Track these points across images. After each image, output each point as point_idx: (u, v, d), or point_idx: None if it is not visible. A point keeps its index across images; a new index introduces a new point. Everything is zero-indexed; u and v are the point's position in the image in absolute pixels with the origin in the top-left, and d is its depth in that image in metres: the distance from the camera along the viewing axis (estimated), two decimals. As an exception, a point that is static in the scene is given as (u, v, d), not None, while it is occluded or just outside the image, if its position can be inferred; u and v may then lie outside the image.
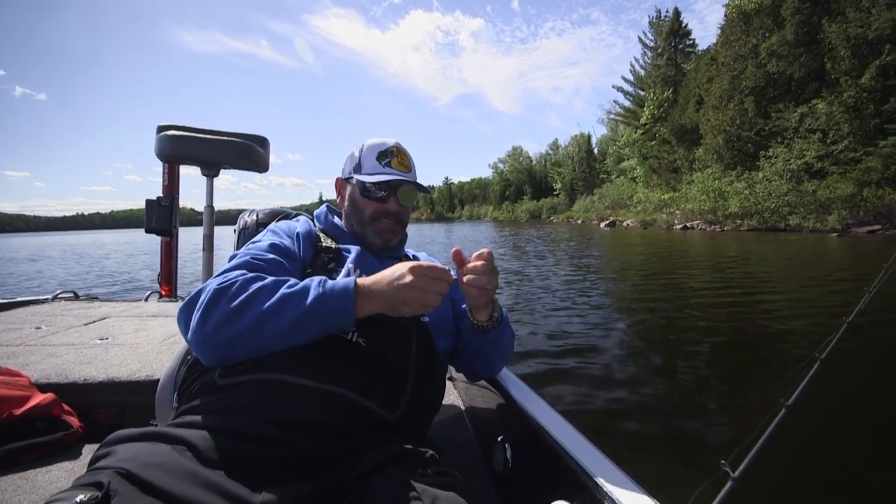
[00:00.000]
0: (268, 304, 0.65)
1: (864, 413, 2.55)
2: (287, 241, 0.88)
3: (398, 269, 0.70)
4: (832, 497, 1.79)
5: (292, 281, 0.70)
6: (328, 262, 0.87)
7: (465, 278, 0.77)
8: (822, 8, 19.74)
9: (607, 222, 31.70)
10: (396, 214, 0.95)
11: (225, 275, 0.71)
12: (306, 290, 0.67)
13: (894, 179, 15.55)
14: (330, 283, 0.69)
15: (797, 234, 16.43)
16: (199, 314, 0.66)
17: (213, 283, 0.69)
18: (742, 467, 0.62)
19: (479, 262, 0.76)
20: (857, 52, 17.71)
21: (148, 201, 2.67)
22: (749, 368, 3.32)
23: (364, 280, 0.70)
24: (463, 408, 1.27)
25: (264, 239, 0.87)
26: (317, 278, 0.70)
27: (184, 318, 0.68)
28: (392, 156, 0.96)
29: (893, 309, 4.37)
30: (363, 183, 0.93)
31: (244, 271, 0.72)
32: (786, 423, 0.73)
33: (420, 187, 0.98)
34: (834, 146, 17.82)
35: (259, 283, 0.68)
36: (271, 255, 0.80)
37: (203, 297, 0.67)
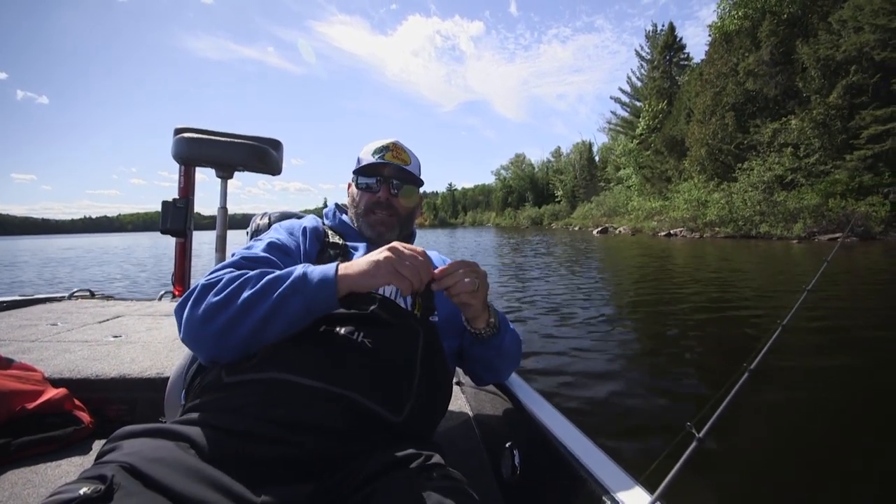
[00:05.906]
0: (253, 290, 0.64)
1: (822, 373, 2.78)
2: (286, 238, 0.84)
3: (380, 248, 0.69)
4: (792, 452, 1.91)
5: (277, 270, 0.68)
6: (335, 257, 0.83)
7: (441, 284, 0.70)
8: (798, 30, 19.86)
9: (600, 229, 31.41)
10: (387, 204, 0.91)
11: (213, 273, 0.69)
12: (290, 271, 0.66)
13: (858, 191, 15.78)
14: (313, 266, 0.68)
15: (766, 240, 16.62)
16: (188, 311, 0.65)
17: (201, 281, 0.67)
18: (706, 428, 0.62)
19: (460, 270, 0.71)
20: (826, 72, 17.87)
21: (164, 203, 2.62)
22: (721, 344, 3.60)
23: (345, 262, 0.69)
24: (470, 412, 1.19)
25: (265, 237, 0.84)
26: (302, 264, 0.69)
27: (178, 316, 0.67)
28: (387, 150, 0.93)
29: (843, 281, 5.97)
30: (356, 176, 0.93)
31: (231, 269, 0.70)
32: (750, 386, 0.77)
33: (409, 174, 0.93)
34: (806, 159, 17.98)
35: (245, 276, 0.67)
36: (264, 254, 0.77)
37: (192, 295, 0.66)
